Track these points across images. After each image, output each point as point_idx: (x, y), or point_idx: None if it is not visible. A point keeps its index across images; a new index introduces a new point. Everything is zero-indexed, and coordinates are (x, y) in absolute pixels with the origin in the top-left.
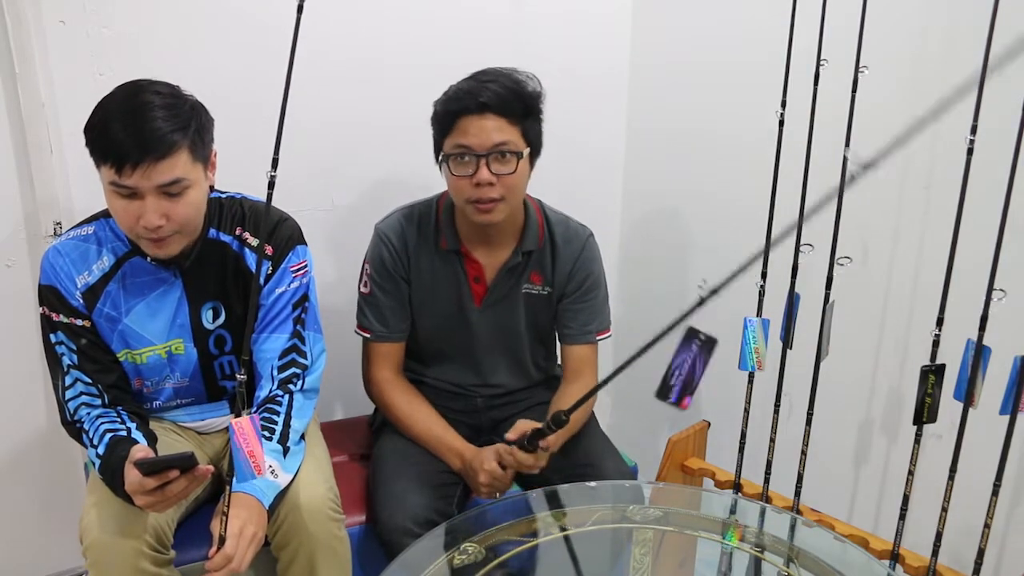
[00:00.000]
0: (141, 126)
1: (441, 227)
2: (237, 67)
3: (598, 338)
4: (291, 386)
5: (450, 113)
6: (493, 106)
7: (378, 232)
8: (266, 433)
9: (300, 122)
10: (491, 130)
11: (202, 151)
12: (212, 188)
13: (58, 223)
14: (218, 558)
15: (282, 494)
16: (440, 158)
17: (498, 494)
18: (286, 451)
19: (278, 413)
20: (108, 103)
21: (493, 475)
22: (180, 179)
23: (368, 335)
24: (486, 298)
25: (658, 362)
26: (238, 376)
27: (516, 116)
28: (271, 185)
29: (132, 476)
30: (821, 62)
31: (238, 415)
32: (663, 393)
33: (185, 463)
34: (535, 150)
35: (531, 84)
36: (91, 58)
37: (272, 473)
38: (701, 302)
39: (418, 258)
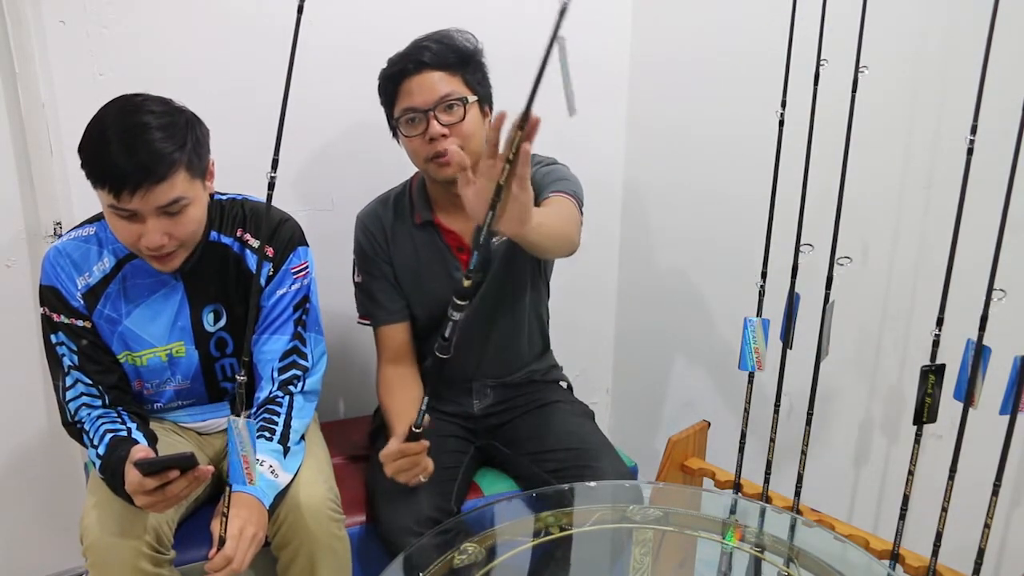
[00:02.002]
0: (137, 150)
1: (414, 202)
2: (237, 66)
3: (565, 196)
4: (291, 387)
5: (391, 79)
6: (430, 62)
7: (357, 219)
8: (266, 433)
9: (301, 121)
10: (432, 85)
11: (199, 166)
12: (212, 195)
13: (58, 223)
14: (218, 559)
15: (282, 494)
16: (393, 130)
17: (422, 477)
18: (286, 451)
19: (278, 414)
20: (102, 123)
21: (388, 457)
22: (179, 198)
23: (368, 322)
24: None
25: (657, 367)
26: (238, 377)
27: (454, 66)
28: (271, 186)
29: (132, 476)
30: (821, 62)
31: (238, 415)
32: (573, 108)
33: (185, 463)
34: (484, 99)
35: (465, 37)
36: (91, 58)
37: (272, 473)
38: (563, 11)
39: (396, 239)
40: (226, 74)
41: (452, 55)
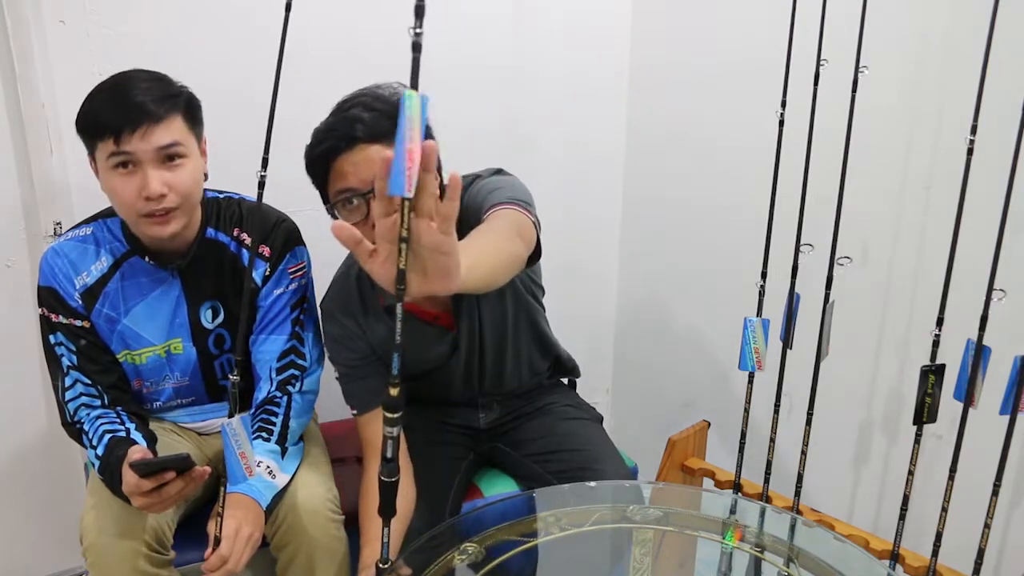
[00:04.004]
0: (135, 95)
1: (373, 282)
2: (238, 67)
3: (500, 208)
4: (290, 387)
5: (320, 159)
6: (363, 136)
7: (322, 310)
8: (263, 434)
9: (300, 121)
10: (369, 161)
11: (195, 126)
12: (206, 176)
13: (58, 223)
14: (213, 559)
15: (280, 495)
16: (328, 209)
17: None
18: (284, 451)
19: (276, 414)
20: (97, 88)
21: None
22: (178, 142)
23: (355, 411)
24: (455, 319)
25: (657, 368)
26: (230, 377)
27: (391, 135)
28: (261, 185)
29: (129, 477)
30: (821, 62)
31: (231, 415)
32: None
33: (181, 464)
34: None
35: (395, 93)
36: (91, 58)
37: (270, 474)
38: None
39: (368, 322)
40: (227, 74)
41: (387, 122)
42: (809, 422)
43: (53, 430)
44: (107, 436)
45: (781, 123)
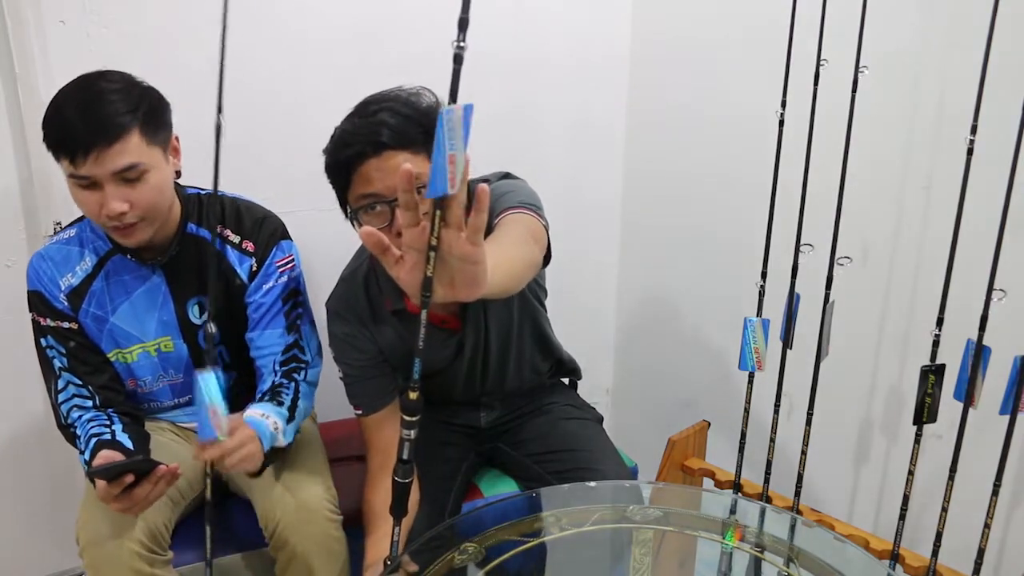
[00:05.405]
0: (88, 114)
1: (382, 286)
2: (239, 66)
3: (512, 213)
4: (296, 376)
5: (344, 163)
6: (390, 142)
7: (328, 310)
8: (275, 401)
9: (299, 120)
10: (397, 168)
11: (156, 134)
12: (178, 174)
13: (58, 223)
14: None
15: (272, 453)
16: (348, 214)
17: None
18: (291, 419)
19: (288, 391)
20: (59, 96)
21: None
22: (135, 164)
23: (359, 411)
24: (461, 322)
25: (657, 367)
26: (208, 329)
27: (418, 143)
28: (218, 129)
29: (99, 483)
30: (821, 62)
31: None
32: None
33: (140, 467)
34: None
35: (423, 99)
36: (91, 58)
37: (275, 428)
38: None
39: (375, 323)
40: (227, 73)
41: (415, 129)
42: (809, 422)
43: (52, 431)
44: (93, 440)
45: (781, 123)
